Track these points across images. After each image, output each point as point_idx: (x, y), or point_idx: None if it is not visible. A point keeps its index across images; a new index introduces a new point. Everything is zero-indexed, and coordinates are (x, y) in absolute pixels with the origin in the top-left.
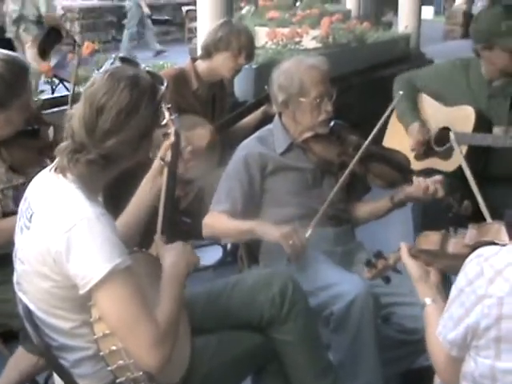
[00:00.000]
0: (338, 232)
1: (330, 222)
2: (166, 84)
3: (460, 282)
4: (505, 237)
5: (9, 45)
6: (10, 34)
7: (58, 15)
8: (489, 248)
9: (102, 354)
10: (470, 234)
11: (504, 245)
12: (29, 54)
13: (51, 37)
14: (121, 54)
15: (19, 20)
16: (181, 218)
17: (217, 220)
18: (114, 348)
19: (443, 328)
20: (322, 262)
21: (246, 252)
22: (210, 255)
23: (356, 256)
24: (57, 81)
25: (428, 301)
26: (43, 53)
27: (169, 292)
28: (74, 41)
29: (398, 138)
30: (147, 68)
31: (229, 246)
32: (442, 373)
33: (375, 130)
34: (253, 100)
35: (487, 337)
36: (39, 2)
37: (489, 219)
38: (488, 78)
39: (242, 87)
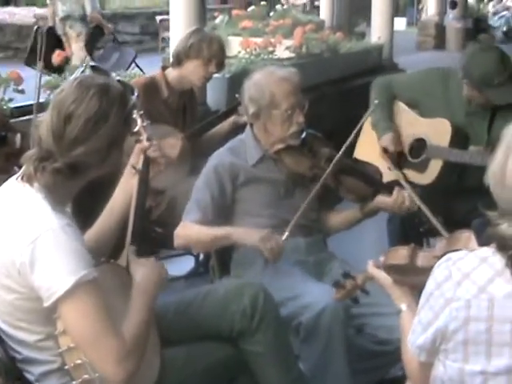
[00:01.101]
0: (309, 242)
1: (302, 231)
2: (136, 93)
3: (429, 286)
4: (474, 245)
5: (59, 41)
6: (58, 31)
7: (100, 14)
8: (457, 253)
9: (67, 367)
10: (440, 245)
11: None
12: (74, 47)
13: (95, 33)
14: (92, 63)
15: (66, 18)
16: (153, 227)
17: (189, 229)
18: (79, 362)
19: (412, 334)
20: (293, 272)
21: (218, 262)
22: (182, 265)
23: (327, 266)
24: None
25: (403, 307)
26: (88, 48)
27: (138, 305)
28: (115, 38)
29: (371, 145)
30: (118, 77)
31: (201, 256)
32: (415, 380)
33: (347, 144)
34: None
35: (455, 340)
36: (84, 2)
37: (445, 236)
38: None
39: (214, 96)
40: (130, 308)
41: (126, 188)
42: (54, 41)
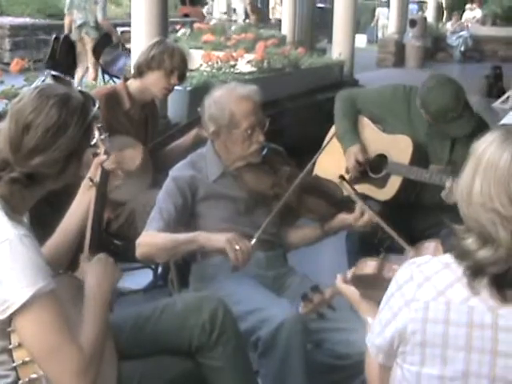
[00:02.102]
0: (269, 256)
1: (262, 246)
2: (98, 105)
3: (391, 287)
4: (441, 254)
5: (71, 47)
6: (74, 37)
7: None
8: (422, 257)
9: (21, 382)
10: (409, 256)
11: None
12: (89, 52)
13: (104, 40)
14: (53, 72)
15: (82, 26)
16: (111, 240)
17: (153, 237)
18: (34, 376)
19: (371, 334)
20: (252, 285)
21: (177, 275)
22: (141, 279)
23: (287, 281)
24: None
25: (370, 320)
26: (96, 53)
27: (92, 315)
28: (122, 44)
29: (331, 162)
30: (79, 87)
31: (159, 269)
32: None
33: (310, 165)
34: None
35: (413, 341)
36: (97, 11)
37: (406, 249)
38: None
39: (175, 109)
40: (84, 317)
41: (83, 200)
42: (70, 47)
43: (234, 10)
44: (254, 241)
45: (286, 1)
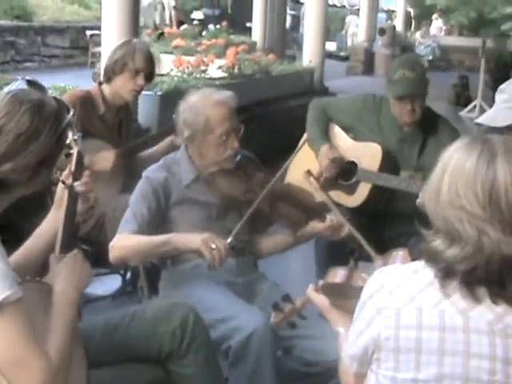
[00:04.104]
0: (239, 263)
1: (233, 252)
2: (72, 112)
3: (362, 297)
4: (409, 262)
5: None
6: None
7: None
8: (390, 266)
9: None
10: (377, 264)
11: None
12: None
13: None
14: (27, 77)
15: (143, 27)
16: (79, 244)
17: (127, 239)
18: None
19: (345, 344)
20: (222, 292)
21: (147, 281)
22: (109, 285)
23: (258, 287)
24: None
25: (341, 329)
26: None
27: (60, 323)
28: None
29: (306, 165)
30: (54, 94)
31: (128, 275)
32: None
33: (281, 171)
34: (158, 128)
35: (387, 348)
36: (155, 16)
37: (374, 257)
38: (399, 123)
39: (146, 114)
40: (51, 324)
41: (59, 206)
42: None
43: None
44: (230, 239)
45: (257, 7)
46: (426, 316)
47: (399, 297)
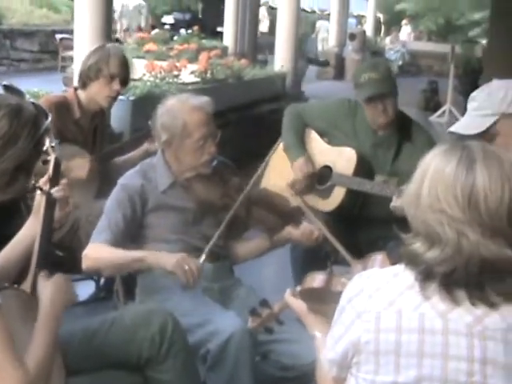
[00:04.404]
0: (216, 268)
1: (209, 258)
2: (50, 118)
3: (342, 301)
4: (389, 266)
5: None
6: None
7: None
8: (369, 270)
9: None
10: (355, 269)
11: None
12: None
13: None
14: (5, 82)
15: (127, 30)
16: (53, 251)
17: (100, 250)
18: None
19: (325, 349)
20: (199, 298)
21: (123, 287)
22: (82, 290)
23: (234, 292)
24: None
25: (318, 334)
26: None
27: (44, 335)
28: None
29: (282, 170)
30: (31, 99)
31: (102, 281)
32: None
33: (257, 174)
34: (131, 133)
35: (367, 351)
36: (141, 18)
37: (350, 261)
38: (374, 128)
39: (118, 119)
40: (34, 335)
41: (39, 212)
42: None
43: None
44: (203, 258)
45: (229, 12)
46: (406, 319)
47: (379, 300)
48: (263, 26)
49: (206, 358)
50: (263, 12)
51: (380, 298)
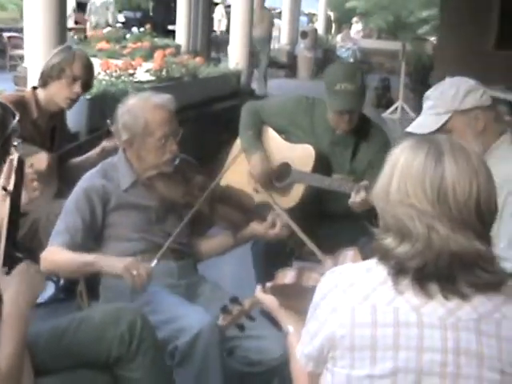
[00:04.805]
0: (180, 266)
1: (173, 255)
2: (17, 118)
3: (316, 297)
4: (360, 261)
5: None
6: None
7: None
8: (342, 266)
9: None
10: (327, 264)
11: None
12: None
13: None
14: None
15: (96, 26)
16: (12, 252)
17: (56, 253)
18: None
19: (301, 344)
20: (166, 295)
21: (86, 287)
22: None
23: (199, 289)
24: None
25: (290, 329)
26: None
27: (11, 333)
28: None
29: (240, 171)
30: None
31: (61, 281)
32: None
33: (221, 175)
34: (87, 132)
35: (342, 346)
36: (108, 15)
37: (320, 256)
38: (332, 127)
39: (74, 118)
40: (2, 333)
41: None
42: None
43: None
44: (154, 262)
45: (181, 10)
46: (381, 313)
47: (353, 295)
48: (222, 25)
49: (175, 355)
50: (221, 11)
51: (354, 293)
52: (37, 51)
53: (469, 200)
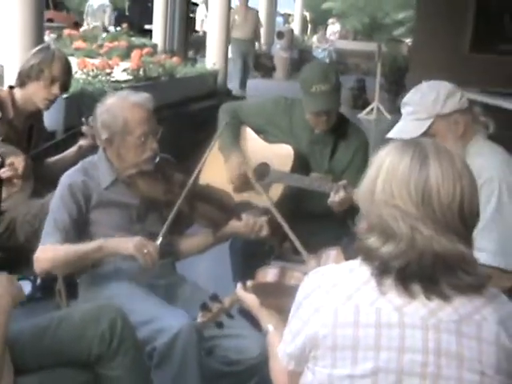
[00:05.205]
0: (160, 265)
1: None
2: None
3: (298, 296)
4: (343, 261)
5: None
6: None
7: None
8: (325, 266)
9: None
10: (310, 264)
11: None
12: None
13: None
14: None
15: (93, 29)
16: None
17: (51, 251)
18: None
19: (283, 343)
20: (144, 295)
21: (65, 285)
22: None
23: (179, 289)
24: None
25: (270, 327)
26: None
27: None
28: None
29: (218, 169)
30: None
31: (38, 281)
32: None
33: (198, 169)
34: (64, 131)
35: (324, 346)
36: (105, 19)
37: (305, 256)
38: (311, 126)
39: (51, 117)
40: None
41: None
42: None
43: None
44: (159, 240)
45: (158, 10)
46: (363, 314)
47: (336, 295)
48: (204, 25)
49: (153, 356)
50: (204, 11)
51: (337, 294)
52: (13, 49)
53: (452, 203)
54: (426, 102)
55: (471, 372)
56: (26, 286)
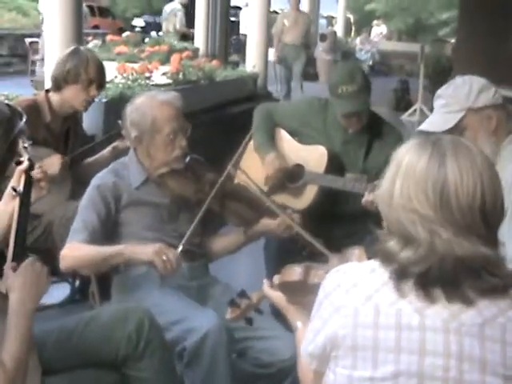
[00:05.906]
0: (192, 267)
1: (185, 256)
2: (25, 119)
3: (319, 295)
4: (366, 260)
5: None
6: None
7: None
8: (346, 264)
9: None
10: (332, 262)
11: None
12: None
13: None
14: None
15: (166, 32)
16: (27, 254)
17: (77, 249)
18: None
19: (305, 341)
20: (175, 296)
21: (99, 287)
22: (57, 293)
23: (210, 291)
24: None
25: (299, 324)
26: None
27: (16, 332)
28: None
29: (253, 170)
30: (6, 101)
31: (77, 283)
32: None
33: (229, 168)
34: (103, 135)
35: (345, 346)
36: (176, 22)
37: (328, 255)
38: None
39: (91, 121)
40: (7, 331)
41: (6, 210)
42: None
43: None
44: (180, 248)
45: (200, 14)
46: (383, 315)
47: (356, 295)
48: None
49: (183, 355)
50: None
51: (357, 294)
52: (54, 56)
53: (473, 203)
54: (458, 94)
55: (494, 376)
56: (65, 289)
